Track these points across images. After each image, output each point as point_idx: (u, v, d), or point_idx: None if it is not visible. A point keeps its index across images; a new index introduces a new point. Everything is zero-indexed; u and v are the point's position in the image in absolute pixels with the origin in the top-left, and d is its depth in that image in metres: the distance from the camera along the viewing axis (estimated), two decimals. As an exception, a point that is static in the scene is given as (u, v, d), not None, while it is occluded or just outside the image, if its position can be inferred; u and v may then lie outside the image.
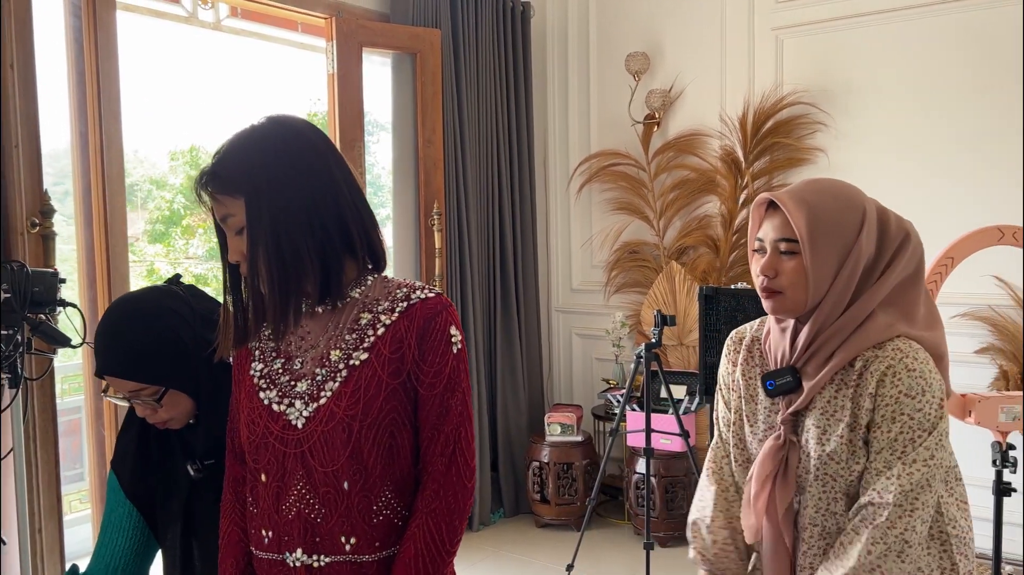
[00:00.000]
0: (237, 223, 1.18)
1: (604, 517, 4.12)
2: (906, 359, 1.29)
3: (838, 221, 1.30)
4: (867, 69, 3.62)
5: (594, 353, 4.49)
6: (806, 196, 1.32)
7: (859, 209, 1.32)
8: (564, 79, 4.47)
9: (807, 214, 1.29)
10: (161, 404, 1.36)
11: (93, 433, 2.80)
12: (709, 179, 4.02)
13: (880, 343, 1.31)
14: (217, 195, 1.19)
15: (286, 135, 1.20)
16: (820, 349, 1.33)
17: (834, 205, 1.31)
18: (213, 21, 4.16)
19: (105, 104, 2.71)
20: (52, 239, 2.45)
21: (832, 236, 1.29)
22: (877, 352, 1.31)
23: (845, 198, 1.33)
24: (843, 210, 1.31)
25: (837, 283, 1.30)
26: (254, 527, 1.27)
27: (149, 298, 1.40)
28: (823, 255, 1.29)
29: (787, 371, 1.36)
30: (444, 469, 1.22)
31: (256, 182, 1.16)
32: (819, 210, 1.30)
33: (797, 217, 1.30)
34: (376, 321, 1.23)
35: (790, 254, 1.32)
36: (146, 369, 1.33)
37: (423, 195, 3.75)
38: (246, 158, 1.18)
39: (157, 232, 10.88)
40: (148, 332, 1.34)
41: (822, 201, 1.31)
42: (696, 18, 4.05)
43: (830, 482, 1.33)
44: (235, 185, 1.17)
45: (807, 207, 1.30)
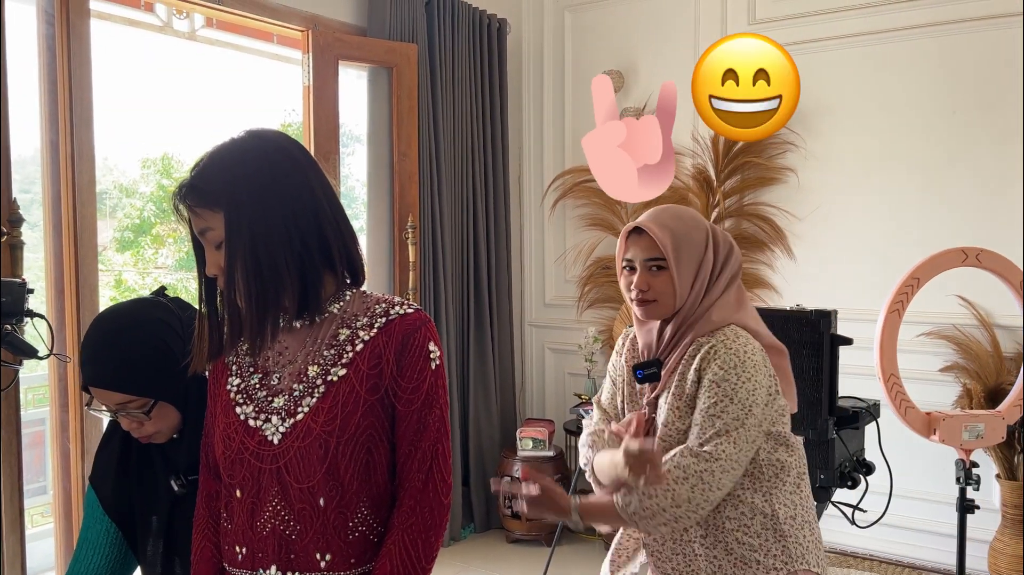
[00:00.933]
0: (216, 237, 1.18)
1: (575, 532, 4.12)
2: (727, 340, 1.55)
3: (692, 239, 1.58)
4: (837, 91, 3.70)
5: (567, 367, 4.51)
6: (666, 222, 1.59)
7: (704, 229, 1.61)
8: (539, 95, 4.51)
9: (670, 236, 1.57)
10: (150, 417, 1.34)
11: (58, 446, 2.75)
12: (681, 197, 4.06)
13: (714, 330, 1.58)
14: (196, 208, 1.18)
15: (267, 148, 1.20)
16: (679, 341, 1.61)
17: (687, 227, 1.59)
18: (188, 31, 4.13)
19: (77, 112, 2.68)
20: (20, 248, 2.41)
21: (689, 252, 1.57)
22: (710, 338, 1.57)
23: (693, 220, 1.61)
24: (694, 230, 1.59)
25: (694, 289, 1.58)
26: (228, 543, 1.26)
27: (139, 309, 1.38)
28: (684, 268, 1.57)
29: (653, 363, 1.63)
30: (421, 485, 1.21)
31: (236, 196, 1.15)
32: (678, 232, 1.57)
33: (663, 239, 1.56)
34: (355, 337, 1.22)
35: (658, 269, 1.58)
36: (137, 380, 1.32)
37: (397, 208, 3.75)
38: (226, 171, 1.17)
39: (126, 240, 10.71)
40: (139, 343, 1.32)
41: (678, 224, 1.58)
42: (670, 38, 4.11)
43: (667, 446, 1.56)
44: (214, 198, 1.16)
45: (669, 230, 1.57)
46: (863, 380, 2.76)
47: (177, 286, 11.63)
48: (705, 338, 1.57)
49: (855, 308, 3.13)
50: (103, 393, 1.33)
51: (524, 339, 4.62)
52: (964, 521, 2.45)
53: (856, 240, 3.69)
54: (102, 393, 1.33)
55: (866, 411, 2.45)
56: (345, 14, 3.68)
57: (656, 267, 1.57)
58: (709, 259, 1.59)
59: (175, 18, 4.09)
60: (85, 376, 1.34)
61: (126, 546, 1.48)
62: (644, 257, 1.58)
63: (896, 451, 2.66)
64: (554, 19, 4.45)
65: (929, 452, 3.07)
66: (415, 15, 3.76)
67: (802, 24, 3.74)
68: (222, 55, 4.62)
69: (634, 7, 4.20)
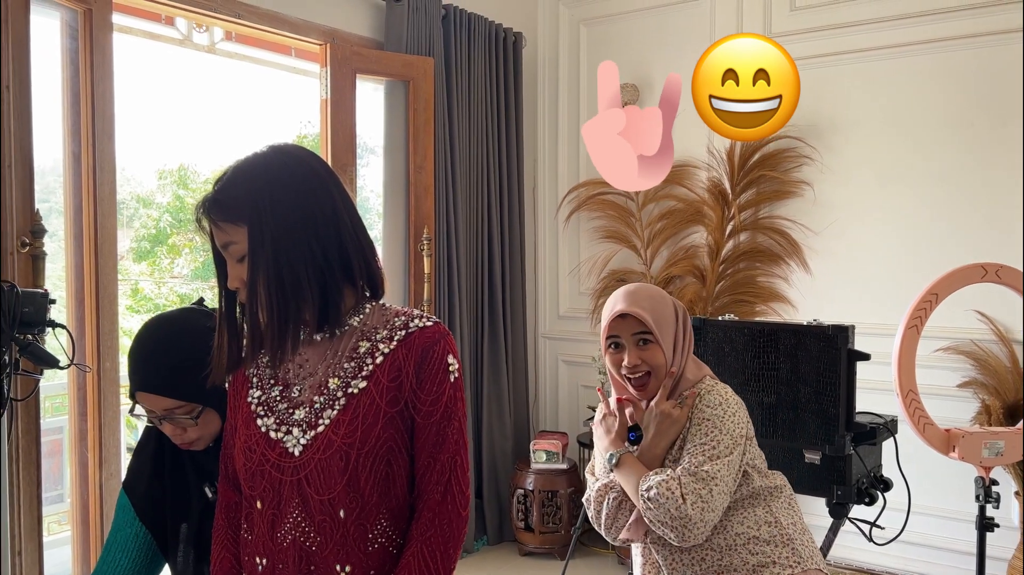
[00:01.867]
0: (239, 251, 1.19)
1: (588, 546, 4.10)
2: (707, 385, 1.76)
3: (665, 313, 1.77)
4: (853, 105, 3.69)
5: (580, 380, 4.50)
6: (643, 301, 1.76)
7: (671, 303, 1.80)
8: (554, 108, 4.53)
9: (651, 312, 1.74)
10: (197, 423, 1.36)
11: (76, 455, 2.77)
12: (696, 210, 4.06)
13: (694, 382, 1.78)
14: (219, 222, 1.19)
15: (290, 163, 1.21)
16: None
17: (661, 303, 1.77)
18: (207, 44, 4.18)
19: (99, 125, 2.72)
20: (42, 259, 2.44)
21: (667, 323, 1.76)
22: (692, 388, 1.76)
23: (662, 297, 1.79)
24: (665, 305, 1.78)
25: (675, 357, 1.76)
26: (248, 554, 1.27)
27: (188, 317, 1.41)
28: (666, 338, 1.75)
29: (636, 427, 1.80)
30: (440, 497, 1.22)
31: (260, 210, 1.16)
32: (655, 309, 1.76)
33: (645, 316, 1.73)
34: (375, 350, 1.23)
35: (646, 342, 1.74)
36: (187, 387, 1.34)
37: (413, 220, 3.77)
38: (250, 186, 1.18)
39: (143, 250, 10.81)
40: (190, 350, 1.34)
41: (653, 303, 1.76)
42: (685, 52, 4.11)
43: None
44: (239, 213, 1.18)
45: (648, 308, 1.75)
46: (880, 395, 2.74)
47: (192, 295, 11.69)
48: (688, 390, 1.76)
49: (872, 323, 3.12)
50: (152, 398, 1.35)
51: (538, 351, 4.62)
52: (984, 539, 2.43)
53: (873, 254, 3.67)
54: (151, 398, 1.35)
55: (883, 427, 2.43)
56: (363, 28, 3.71)
57: (643, 340, 1.74)
58: (680, 329, 1.79)
59: (195, 31, 4.14)
60: (135, 382, 1.36)
61: (154, 550, 1.50)
62: (632, 332, 1.74)
63: (914, 467, 2.64)
64: (570, 33, 4.48)
65: (947, 469, 3.04)
66: (432, 29, 3.79)
67: (818, 38, 3.74)
68: (240, 68, 4.68)
69: (650, 21, 4.22)
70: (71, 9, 2.69)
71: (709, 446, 1.66)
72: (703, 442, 1.67)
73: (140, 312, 10.55)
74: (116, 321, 2.80)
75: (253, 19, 3.28)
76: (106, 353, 2.75)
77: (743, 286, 3.99)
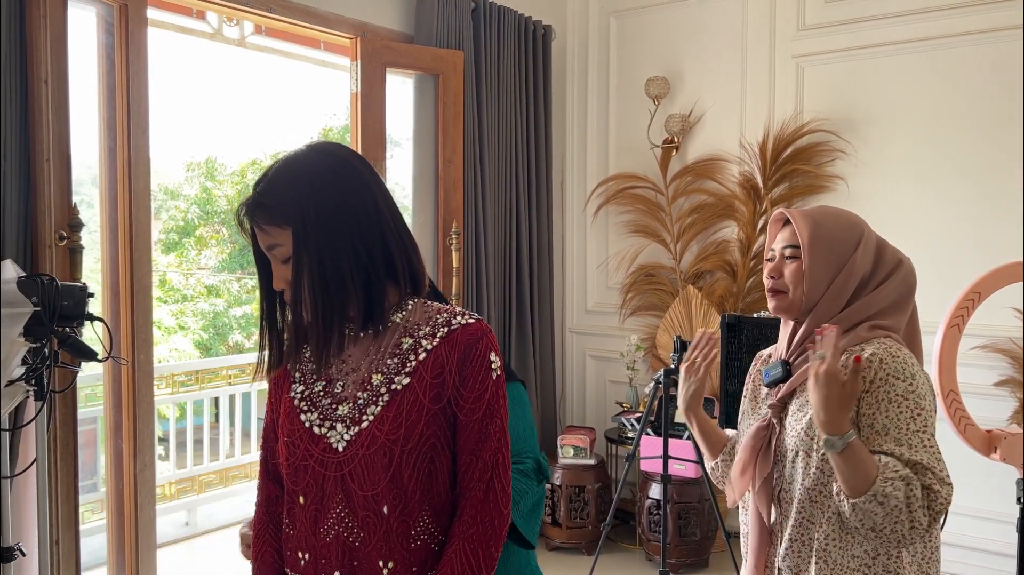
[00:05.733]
0: (283, 253, 1.19)
1: (615, 541, 4.09)
2: (891, 348, 1.43)
3: (836, 236, 1.50)
4: (888, 98, 3.63)
5: (608, 375, 4.49)
6: (812, 213, 1.54)
7: (858, 231, 1.52)
8: (583, 102, 4.50)
9: (810, 225, 1.51)
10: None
11: (111, 445, 2.80)
12: (727, 204, 4.02)
13: (868, 339, 1.47)
14: (263, 225, 1.19)
15: (333, 163, 1.20)
16: (812, 345, 1.47)
17: (835, 223, 1.52)
18: (238, 38, 4.20)
19: (134, 119, 2.74)
20: (79, 252, 2.47)
21: (829, 247, 1.49)
22: (864, 345, 1.46)
23: (847, 220, 1.53)
24: (842, 228, 1.51)
25: (832, 289, 1.49)
26: (290, 549, 1.27)
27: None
28: (820, 261, 1.48)
29: (779, 364, 1.55)
30: (482, 495, 1.21)
31: (304, 213, 1.16)
32: (821, 224, 1.51)
33: (801, 227, 1.51)
34: (418, 346, 1.23)
35: (793, 258, 1.52)
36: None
37: (442, 214, 3.77)
38: (293, 188, 1.17)
39: (171, 242, 10.94)
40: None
41: (825, 219, 1.52)
42: (717, 44, 4.07)
43: (803, 456, 1.47)
44: (283, 216, 1.17)
45: (811, 220, 1.52)
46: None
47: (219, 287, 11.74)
48: (857, 346, 1.46)
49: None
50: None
51: (565, 346, 4.61)
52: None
53: (909, 250, 3.57)
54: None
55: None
56: (393, 21, 3.71)
57: (792, 256, 1.52)
58: (859, 264, 1.49)
59: (225, 25, 4.16)
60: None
61: None
62: (782, 245, 1.54)
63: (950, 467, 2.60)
64: (599, 25, 4.44)
65: (983, 468, 2.99)
66: (462, 22, 3.77)
67: (852, 30, 3.68)
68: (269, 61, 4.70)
69: (680, 13, 4.18)
70: (107, 4, 2.71)
71: (928, 432, 1.38)
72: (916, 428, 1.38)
73: (168, 302, 10.67)
74: (150, 314, 2.83)
75: (284, 13, 3.28)
76: (140, 345, 2.77)
77: (774, 282, 3.94)
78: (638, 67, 4.30)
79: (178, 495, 4.91)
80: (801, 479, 1.47)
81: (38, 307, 1.95)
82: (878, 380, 1.41)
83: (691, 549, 3.76)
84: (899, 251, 1.57)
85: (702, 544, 3.78)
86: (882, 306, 1.49)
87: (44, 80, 2.38)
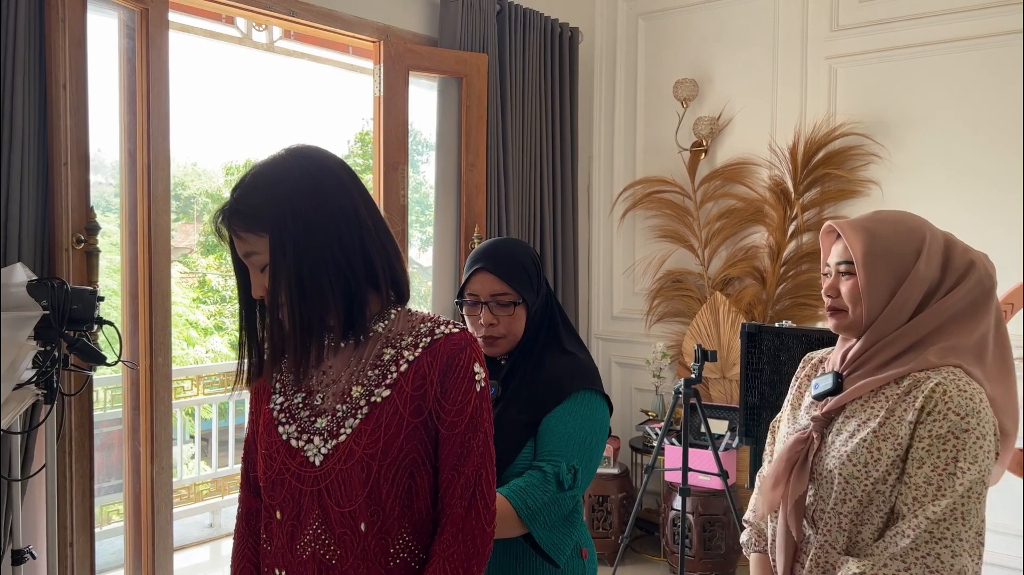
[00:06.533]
0: (261, 260, 1.16)
1: (639, 552, 4.02)
2: (959, 382, 1.32)
3: (893, 246, 1.38)
4: (924, 100, 3.51)
5: (634, 383, 4.41)
6: (865, 224, 1.42)
7: (918, 236, 1.39)
8: (611, 104, 4.44)
9: (863, 238, 1.39)
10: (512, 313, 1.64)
11: (129, 449, 2.82)
12: (757, 209, 3.93)
13: (936, 366, 1.35)
14: (240, 232, 1.16)
15: (310, 169, 1.16)
16: (869, 360, 1.41)
17: (891, 231, 1.39)
18: (267, 42, 4.23)
19: (154, 123, 2.75)
20: (96, 255, 2.48)
21: (887, 259, 1.37)
22: (930, 373, 1.35)
23: (904, 225, 1.40)
24: (900, 236, 1.39)
25: (893, 303, 1.37)
26: (267, 565, 1.24)
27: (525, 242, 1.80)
28: (876, 276, 1.37)
29: (831, 376, 1.45)
30: (463, 512, 1.17)
31: (281, 220, 1.12)
32: (875, 236, 1.39)
33: (853, 241, 1.40)
34: (399, 357, 1.19)
35: (848, 275, 1.42)
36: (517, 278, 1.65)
37: (464, 218, 3.74)
38: (270, 195, 1.14)
39: (210, 244, 11.10)
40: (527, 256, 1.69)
41: (879, 228, 1.40)
42: (747, 45, 3.98)
43: (843, 482, 1.38)
44: (259, 223, 1.14)
45: (864, 232, 1.40)
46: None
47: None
48: (923, 373, 1.35)
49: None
50: (487, 279, 1.62)
51: (591, 352, 4.54)
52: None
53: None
54: (487, 279, 1.62)
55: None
56: (417, 25, 3.69)
57: (847, 272, 1.42)
58: (923, 275, 1.37)
59: (254, 30, 4.19)
60: (479, 264, 1.64)
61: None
62: (836, 260, 1.44)
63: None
64: (628, 27, 4.38)
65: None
66: (486, 25, 3.74)
67: (887, 30, 3.57)
68: (300, 65, 4.73)
69: (710, 14, 4.10)
70: (128, 9, 2.73)
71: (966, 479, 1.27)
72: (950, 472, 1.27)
73: (207, 303, 10.83)
74: (169, 317, 2.84)
75: (307, 16, 3.28)
76: (159, 348, 2.79)
77: (805, 289, 3.84)
78: (666, 69, 4.23)
79: (203, 497, 4.95)
80: (836, 506, 1.39)
81: (47, 310, 1.95)
82: (935, 413, 1.31)
83: (716, 562, 3.67)
84: (971, 249, 1.43)
85: (728, 557, 3.69)
86: (951, 313, 1.37)
87: (63, 85, 2.40)
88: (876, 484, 1.34)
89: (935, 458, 1.29)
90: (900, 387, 1.37)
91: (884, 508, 1.35)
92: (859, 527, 1.37)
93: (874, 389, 1.40)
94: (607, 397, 1.66)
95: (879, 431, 1.35)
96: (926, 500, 1.29)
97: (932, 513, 1.27)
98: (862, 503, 1.36)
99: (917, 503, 1.30)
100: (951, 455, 1.28)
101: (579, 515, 1.56)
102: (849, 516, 1.38)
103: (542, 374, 1.62)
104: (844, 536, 1.38)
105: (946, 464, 1.28)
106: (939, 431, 1.30)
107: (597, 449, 1.60)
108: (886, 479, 1.34)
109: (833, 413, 1.43)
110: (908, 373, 1.36)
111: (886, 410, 1.36)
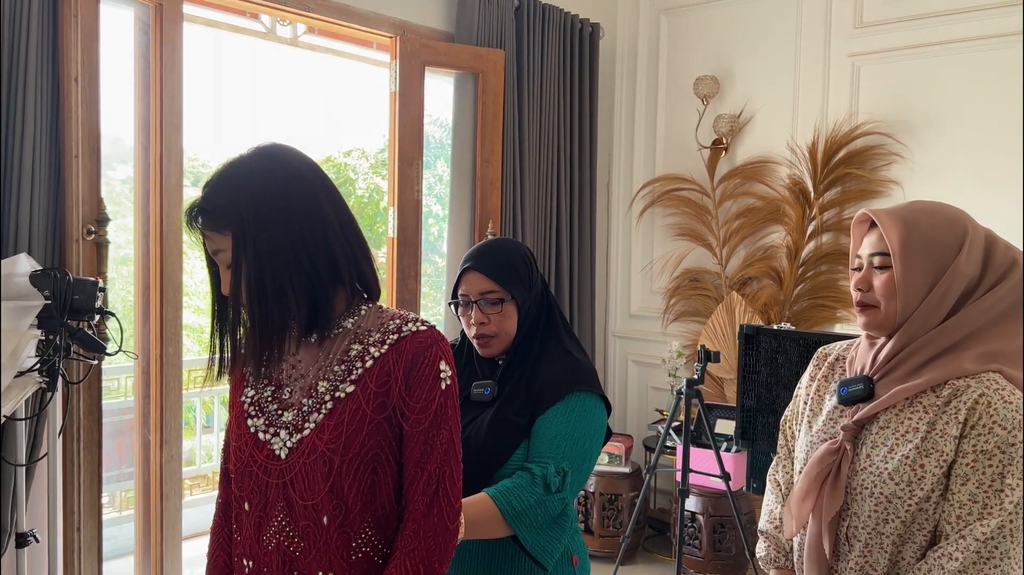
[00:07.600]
0: (227, 258, 1.17)
1: (651, 552, 4.00)
2: (1003, 391, 1.24)
3: (933, 238, 1.28)
4: (948, 99, 3.43)
5: (650, 381, 4.38)
6: (903, 213, 1.31)
7: (960, 230, 1.29)
8: (631, 101, 4.40)
9: (900, 228, 1.29)
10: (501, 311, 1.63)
11: (139, 437, 2.87)
12: (776, 208, 3.87)
13: (975, 374, 1.26)
14: (206, 231, 1.17)
15: (273, 167, 1.17)
16: (902, 364, 1.31)
17: (931, 222, 1.29)
18: (291, 37, 4.27)
19: (167, 117, 2.79)
20: (105, 247, 2.53)
21: (925, 252, 1.27)
22: (970, 382, 1.26)
23: (945, 218, 1.30)
24: (940, 228, 1.29)
25: (930, 300, 1.28)
26: (237, 555, 1.26)
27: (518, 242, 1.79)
28: (914, 269, 1.27)
29: (861, 379, 1.35)
30: (425, 509, 1.17)
31: (242, 218, 1.13)
32: (914, 226, 1.29)
33: (890, 231, 1.29)
34: (365, 353, 1.19)
35: (883, 268, 1.32)
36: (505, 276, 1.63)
37: (478, 214, 3.74)
38: (233, 194, 1.15)
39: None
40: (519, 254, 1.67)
41: (919, 219, 1.30)
42: (769, 43, 3.92)
43: (885, 502, 1.30)
44: (223, 222, 1.15)
45: (902, 222, 1.30)
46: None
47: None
48: (963, 381, 1.27)
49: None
50: (476, 279, 1.61)
51: (607, 350, 4.52)
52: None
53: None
54: (476, 279, 1.61)
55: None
56: (434, 20, 3.70)
57: (881, 265, 1.31)
58: (963, 269, 1.27)
59: (278, 24, 4.23)
60: (470, 264, 1.63)
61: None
62: (870, 252, 1.34)
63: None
64: (649, 23, 4.34)
65: None
66: (503, 20, 3.73)
67: (912, 28, 3.49)
68: (324, 60, 4.76)
69: (733, 10, 4.04)
70: (143, 4, 2.77)
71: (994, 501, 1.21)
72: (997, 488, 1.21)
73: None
74: (180, 308, 2.88)
75: (323, 12, 3.30)
76: (169, 339, 2.83)
77: (824, 290, 3.78)
78: (687, 66, 4.18)
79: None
80: (878, 526, 1.31)
81: (49, 300, 1.99)
82: (979, 426, 1.23)
83: (726, 564, 3.63)
84: (1013, 247, 1.34)
85: (738, 559, 3.65)
86: (992, 315, 1.28)
87: (75, 78, 2.44)
88: (921, 503, 1.27)
89: (980, 474, 1.23)
90: (939, 397, 1.28)
91: (927, 527, 1.28)
92: (900, 548, 1.30)
93: (909, 397, 1.31)
94: (605, 399, 1.63)
95: (922, 447, 1.27)
96: (971, 518, 1.23)
97: (981, 533, 1.21)
98: (905, 523, 1.29)
99: (962, 522, 1.24)
100: (997, 471, 1.22)
101: (569, 519, 1.53)
102: (891, 537, 1.30)
103: (538, 375, 1.60)
104: (886, 557, 1.31)
105: (992, 480, 1.22)
106: (984, 446, 1.22)
107: (590, 451, 1.57)
108: (930, 498, 1.27)
109: (865, 420, 1.34)
110: (945, 380, 1.27)
111: (927, 423, 1.28)
